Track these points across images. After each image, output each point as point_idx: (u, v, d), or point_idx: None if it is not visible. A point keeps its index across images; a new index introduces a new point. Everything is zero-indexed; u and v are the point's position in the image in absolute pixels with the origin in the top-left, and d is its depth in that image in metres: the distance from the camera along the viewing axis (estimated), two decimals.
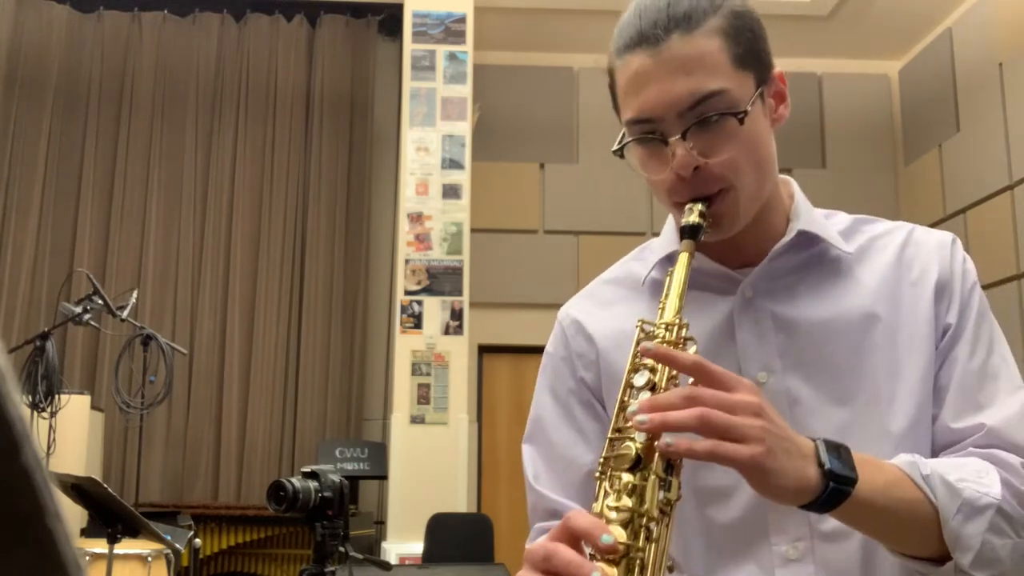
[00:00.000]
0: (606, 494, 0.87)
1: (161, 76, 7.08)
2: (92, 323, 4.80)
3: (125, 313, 4.78)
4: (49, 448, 4.66)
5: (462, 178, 6.38)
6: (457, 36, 6.57)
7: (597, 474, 0.89)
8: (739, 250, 1.12)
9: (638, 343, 0.97)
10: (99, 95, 7.02)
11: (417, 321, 6.22)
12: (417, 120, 6.43)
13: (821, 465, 0.89)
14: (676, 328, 0.96)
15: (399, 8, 6.75)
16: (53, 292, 6.28)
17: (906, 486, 0.95)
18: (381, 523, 6.35)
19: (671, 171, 1.04)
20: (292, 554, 5.86)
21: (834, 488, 0.89)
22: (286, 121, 7.09)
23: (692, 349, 0.95)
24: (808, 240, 1.12)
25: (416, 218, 6.34)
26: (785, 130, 1.12)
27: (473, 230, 6.44)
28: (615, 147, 1.11)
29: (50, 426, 4.68)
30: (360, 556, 2.33)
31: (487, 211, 6.99)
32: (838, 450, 0.91)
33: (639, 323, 0.99)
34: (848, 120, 7.49)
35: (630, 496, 0.85)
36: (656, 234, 1.29)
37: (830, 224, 1.16)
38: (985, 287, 1.10)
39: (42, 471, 0.35)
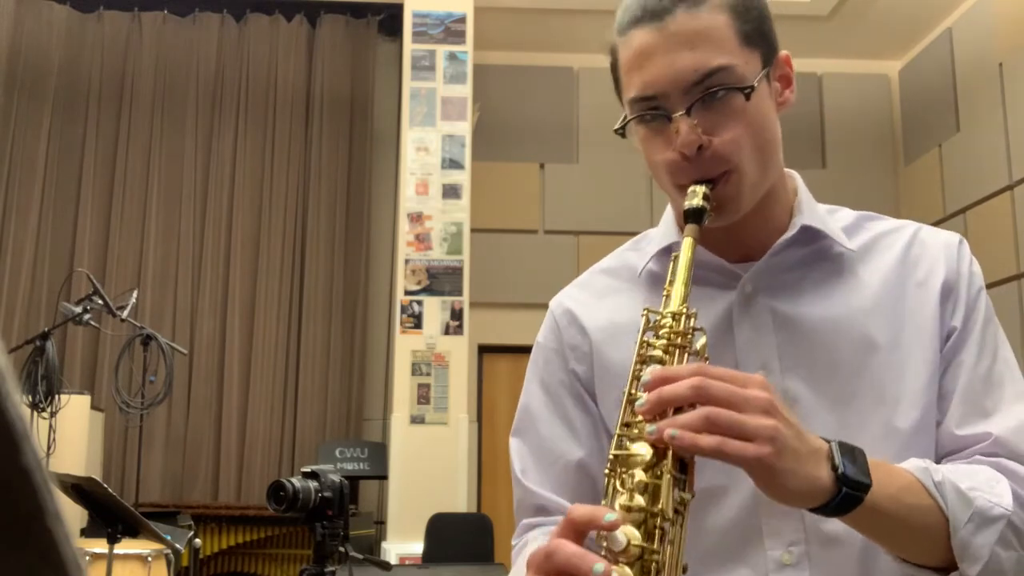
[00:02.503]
0: (616, 492, 0.84)
1: (161, 76, 7.08)
2: (92, 323, 4.80)
3: (125, 313, 4.78)
4: (49, 448, 4.66)
5: (462, 178, 6.38)
6: (457, 36, 6.57)
7: (606, 471, 0.86)
8: (739, 243, 1.09)
9: (644, 332, 0.94)
10: (99, 95, 7.02)
11: (417, 321, 6.22)
12: (417, 120, 6.43)
13: (835, 468, 0.86)
14: (683, 318, 0.92)
15: (399, 8, 6.75)
16: (53, 292, 6.28)
17: (918, 492, 0.92)
18: (381, 523, 6.35)
19: (674, 151, 1.01)
20: (292, 554, 5.86)
21: (847, 494, 0.86)
22: (286, 121, 7.09)
23: (701, 340, 0.92)
24: (811, 235, 1.09)
25: (416, 218, 6.34)
26: (785, 130, 1.10)
27: (473, 230, 6.44)
28: (617, 126, 1.08)
29: (50, 426, 4.68)
30: (360, 556, 2.33)
31: (487, 211, 6.99)
32: (852, 453, 0.88)
33: (644, 311, 0.95)
34: (848, 120, 7.49)
35: (642, 494, 0.82)
36: None
37: (834, 220, 1.13)
38: (985, 287, 1.10)
39: (42, 471, 0.35)
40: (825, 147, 7.46)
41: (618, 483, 0.84)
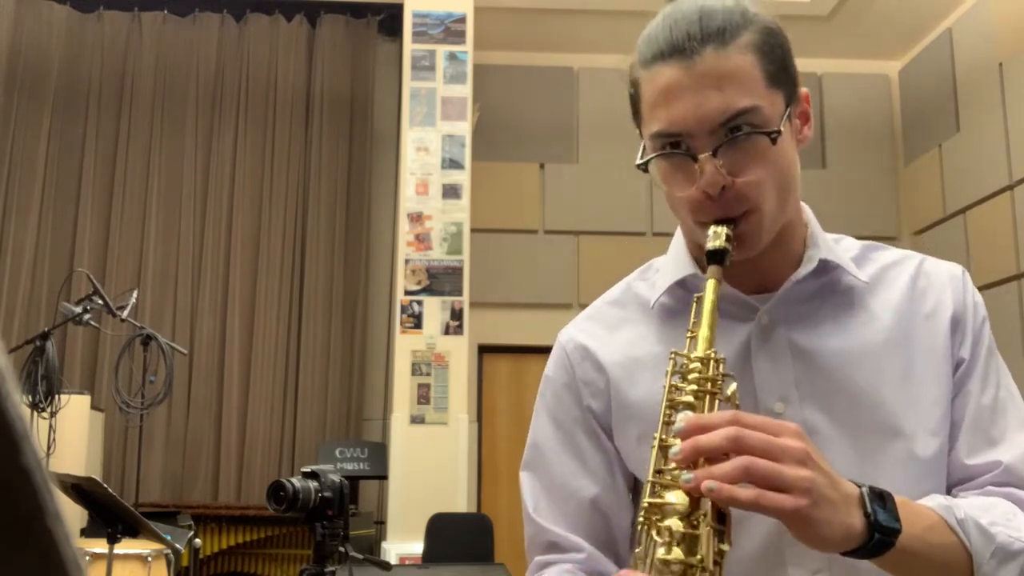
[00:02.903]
0: (652, 540, 0.85)
1: (161, 76, 7.08)
2: (92, 323, 4.80)
3: (125, 313, 4.78)
4: (49, 448, 4.66)
5: (462, 178, 6.38)
6: (457, 36, 6.57)
7: (640, 519, 0.87)
8: (756, 274, 1.10)
9: (671, 375, 0.96)
10: (99, 95, 7.02)
11: (417, 321, 6.22)
12: (417, 120, 6.43)
13: (867, 515, 0.89)
14: (712, 363, 0.94)
15: (399, 8, 6.75)
16: (53, 292, 6.28)
17: (942, 531, 0.95)
18: (381, 523, 6.35)
19: (697, 189, 1.02)
20: (292, 554, 5.86)
21: (879, 539, 0.89)
22: (286, 121, 7.09)
23: (732, 387, 0.93)
24: (824, 267, 1.11)
25: (416, 218, 6.34)
26: None
27: (473, 230, 6.44)
28: (638, 161, 1.07)
29: (50, 426, 4.68)
30: (360, 556, 2.33)
31: (487, 211, 6.99)
32: (882, 498, 0.91)
33: (672, 355, 0.97)
34: (848, 120, 7.49)
35: (679, 545, 0.83)
36: (656, 234, 1.27)
37: (842, 250, 1.15)
38: (985, 287, 1.12)
39: (42, 471, 0.35)
40: (825, 147, 7.47)
41: (654, 532, 0.85)
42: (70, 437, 5.05)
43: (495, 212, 7.17)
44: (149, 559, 3.65)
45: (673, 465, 0.86)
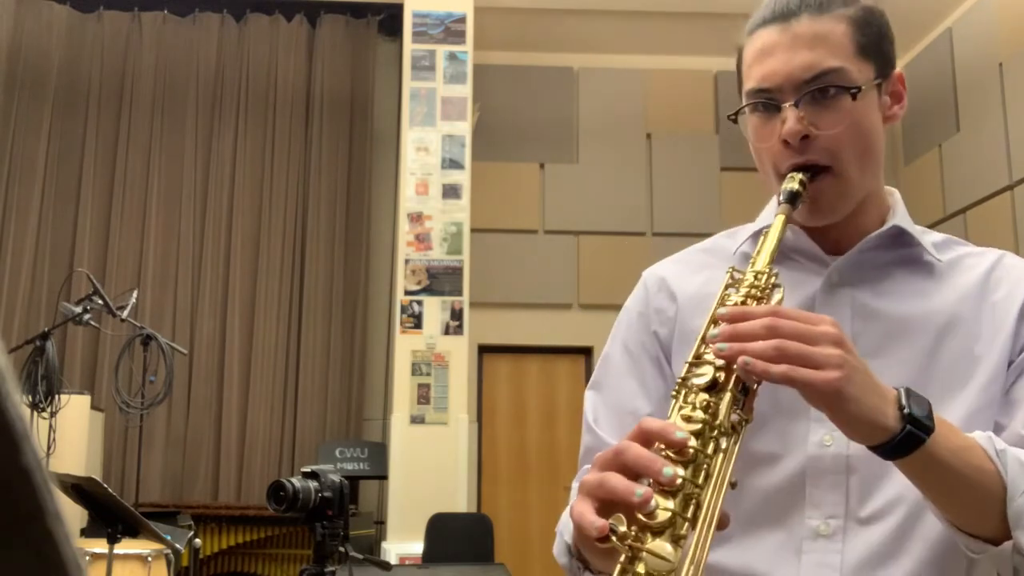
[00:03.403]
0: (680, 408, 0.88)
1: (161, 76, 7.09)
2: (92, 323, 4.80)
3: (125, 313, 4.78)
4: (49, 448, 4.66)
5: (462, 178, 6.38)
6: (457, 36, 6.57)
7: (673, 392, 0.90)
8: (832, 238, 1.15)
9: (726, 288, 1.00)
10: (99, 95, 7.02)
11: (417, 321, 6.22)
12: (417, 120, 6.44)
13: (901, 408, 0.90)
14: (765, 276, 0.99)
15: (399, 8, 6.75)
16: (53, 292, 6.28)
17: (979, 455, 0.94)
18: (381, 523, 6.35)
19: (780, 139, 1.08)
20: (292, 554, 5.86)
21: (910, 431, 0.89)
22: (286, 121, 7.10)
23: (777, 296, 0.97)
24: (902, 240, 1.15)
25: (416, 218, 6.34)
26: None
27: (473, 230, 6.44)
28: (730, 113, 1.14)
29: (50, 426, 4.67)
30: (360, 556, 2.33)
31: (487, 211, 6.99)
32: (919, 400, 0.92)
33: (730, 269, 1.02)
34: None
35: (704, 411, 0.86)
36: (656, 234, 1.30)
37: (926, 235, 1.19)
38: None
39: (42, 471, 0.35)
40: None
41: (682, 401, 0.89)
42: (70, 437, 5.05)
43: (495, 212, 7.17)
44: (149, 559, 3.65)
45: (710, 352, 0.90)
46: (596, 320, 6.71)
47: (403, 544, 5.82)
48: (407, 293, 6.26)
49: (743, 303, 0.96)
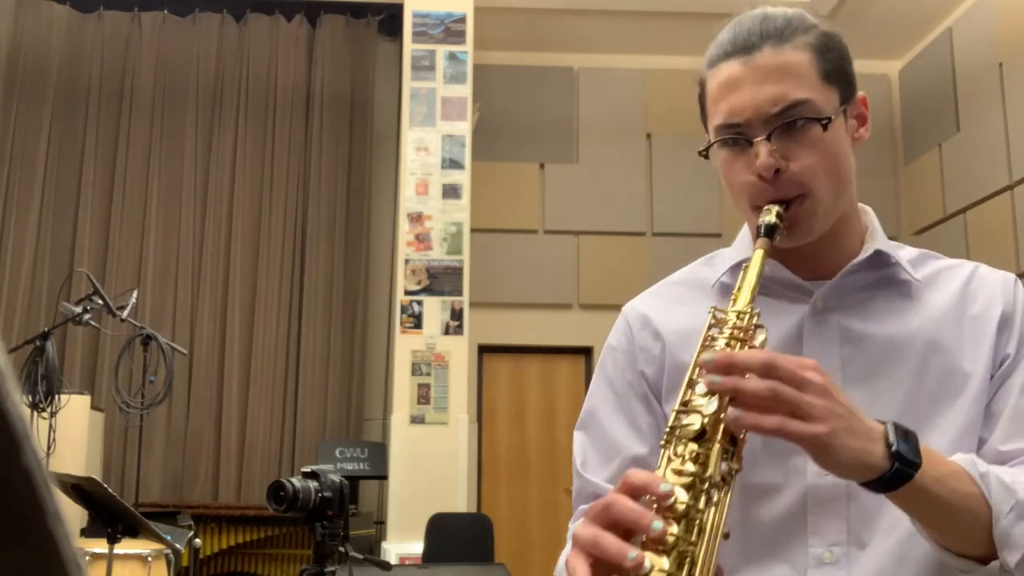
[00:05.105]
0: (669, 460, 0.89)
1: (161, 76, 7.08)
2: (92, 323, 4.80)
3: (125, 313, 4.78)
4: (49, 448, 4.66)
5: (462, 178, 6.38)
6: (457, 36, 6.57)
7: (662, 443, 0.91)
8: (812, 263, 1.16)
9: (709, 328, 1.00)
10: (99, 95, 7.02)
11: (417, 321, 6.22)
12: (417, 120, 6.43)
13: (889, 446, 0.91)
14: (747, 316, 0.99)
15: (399, 8, 6.75)
16: (53, 292, 6.28)
17: (964, 480, 0.97)
18: (381, 523, 6.35)
19: (753, 173, 1.08)
20: (292, 554, 5.86)
21: (898, 469, 0.91)
22: (286, 121, 7.09)
23: (761, 337, 0.98)
24: (880, 261, 1.16)
25: (416, 218, 6.34)
26: None
27: (473, 230, 6.44)
28: (701, 149, 1.15)
29: (50, 426, 4.67)
30: (360, 556, 2.33)
31: (487, 211, 6.99)
32: (906, 435, 0.93)
33: (712, 309, 1.02)
34: None
35: (694, 463, 0.87)
36: (656, 234, 1.30)
37: (901, 252, 1.20)
38: None
39: (42, 471, 0.35)
40: None
41: (672, 453, 0.89)
42: (70, 437, 5.05)
43: (495, 212, 7.17)
44: (149, 559, 3.65)
45: (700, 395, 0.91)
46: (596, 320, 6.70)
47: (403, 544, 5.82)
48: (407, 293, 6.26)
49: (727, 344, 0.97)
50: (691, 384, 0.94)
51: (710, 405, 0.89)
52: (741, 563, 1.09)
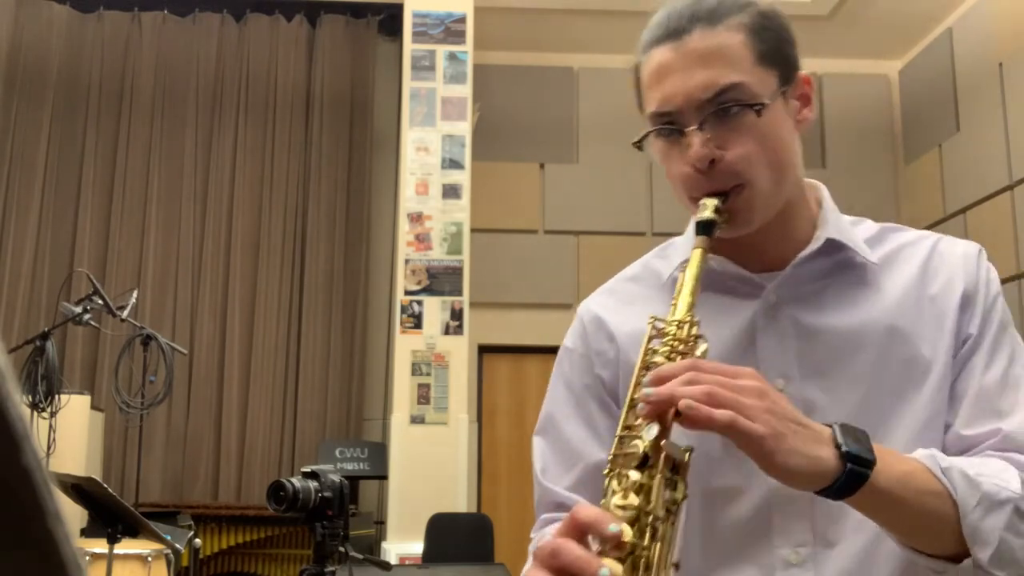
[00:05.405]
0: (613, 492, 0.86)
1: (161, 76, 7.08)
2: (92, 323, 4.80)
3: (125, 313, 4.78)
4: (49, 448, 4.66)
5: (462, 178, 6.38)
6: (457, 36, 6.57)
7: (606, 471, 0.89)
8: (762, 254, 1.11)
9: (649, 340, 0.98)
10: (99, 95, 7.02)
11: (417, 321, 6.22)
12: (417, 120, 6.43)
13: (838, 447, 0.88)
14: (688, 326, 0.96)
15: (399, 8, 6.75)
16: (53, 292, 6.27)
17: (925, 478, 0.94)
18: (381, 523, 6.35)
19: (688, 164, 1.04)
20: (292, 554, 5.86)
21: (852, 470, 0.88)
22: (286, 121, 7.09)
23: (702, 348, 0.95)
24: (834, 247, 1.11)
25: (416, 218, 6.34)
26: None
27: (473, 230, 6.44)
28: (635, 140, 1.10)
29: (50, 426, 4.68)
30: (360, 556, 2.33)
31: (487, 211, 6.99)
32: (855, 434, 0.90)
33: (651, 319, 0.99)
34: (848, 120, 7.49)
35: (637, 494, 0.85)
36: (656, 234, 1.29)
37: (857, 232, 1.15)
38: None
39: (42, 471, 0.35)
40: (825, 147, 7.46)
41: (616, 483, 0.87)
42: (70, 437, 5.05)
43: (495, 212, 7.17)
44: (149, 559, 3.65)
45: (641, 420, 0.88)
46: None
47: (403, 544, 5.82)
48: (407, 293, 6.26)
49: (667, 358, 0.94)
50: (632, 405, 0.91)
51: (650, 431, 0.86)
52: (708, 568, 1.06)
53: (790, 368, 1.08)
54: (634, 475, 0.86)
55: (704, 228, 1.02)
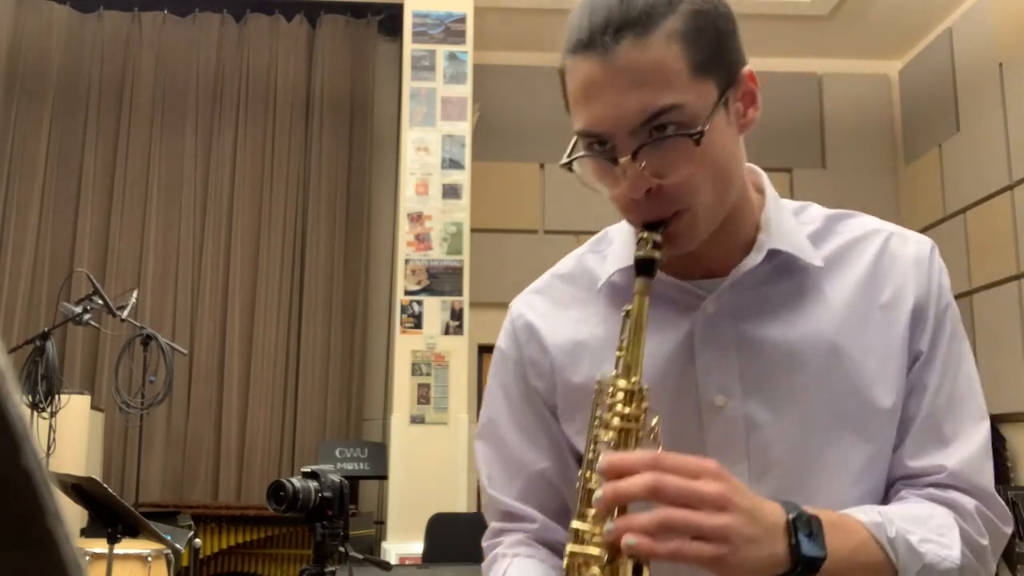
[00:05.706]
0: None
1: (161, 76, 7.08)
2: (92, 323, 4.80)
3: (125, 313, 4.78)
4: (49, 448, 4.66)
5: (462, 178, 6.38)
6: (457, 36, 6.57)
7: (564, 565, 0.88)
8: (701, 260, 1.05)
9: (596, 407, 0.94)
10: (99, 95, 7.02)
11: (417, 321, 6.22)
12: (417, 120, 6.43)
13: (791, 546, 0.88)
14: (634, 396, 0.91)
15: (399, 8, 6.75)
16: (53, 292, 6.27)
17: (871, 550, 0.94)
18: (381, 523, 6.35)
19: (622, 190, 0.97)
20: (292, 554, 5.86)
21: (802, 570, 0.88)
22: (286, 121, 7.09)
23: (653, 421, 0.90)
24: (775, 251, 1.05)
25: (416, 218, 6.34)
26: (785, 130, 1.10)
27: (473, 230, 6.44)
28: (563, 160, 1.03)
29: (50, 426, 4.68)
30: (360, 556, 2.33)
31: (487, 211, 6.99)
32: (809, 525, 0.89)
33: (597, 382, 0.94)
34: (848, 120, 7.49)
35: None
36: None
37: (800, 224, 1.09)
38: (985, 287, 1.09)
39: (42, 471, 0.35)
40: (825, 147, 7.46)
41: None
42: (70, 437, 5.05)
43: (495, 212, 7.17)
44: (149, 559, 3.65)
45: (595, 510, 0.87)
46: None
47: (403, 544, 5.82)
48: (407, 293, 6.26)
49: (618, 434, 0.90)
50: (587, 489, 0.89)
51: (608, 524, 0.85)
52: None
53: (731, 384, 1.03)
54: (596, 573, 0.86)
55: (644, 267, 0.94)
